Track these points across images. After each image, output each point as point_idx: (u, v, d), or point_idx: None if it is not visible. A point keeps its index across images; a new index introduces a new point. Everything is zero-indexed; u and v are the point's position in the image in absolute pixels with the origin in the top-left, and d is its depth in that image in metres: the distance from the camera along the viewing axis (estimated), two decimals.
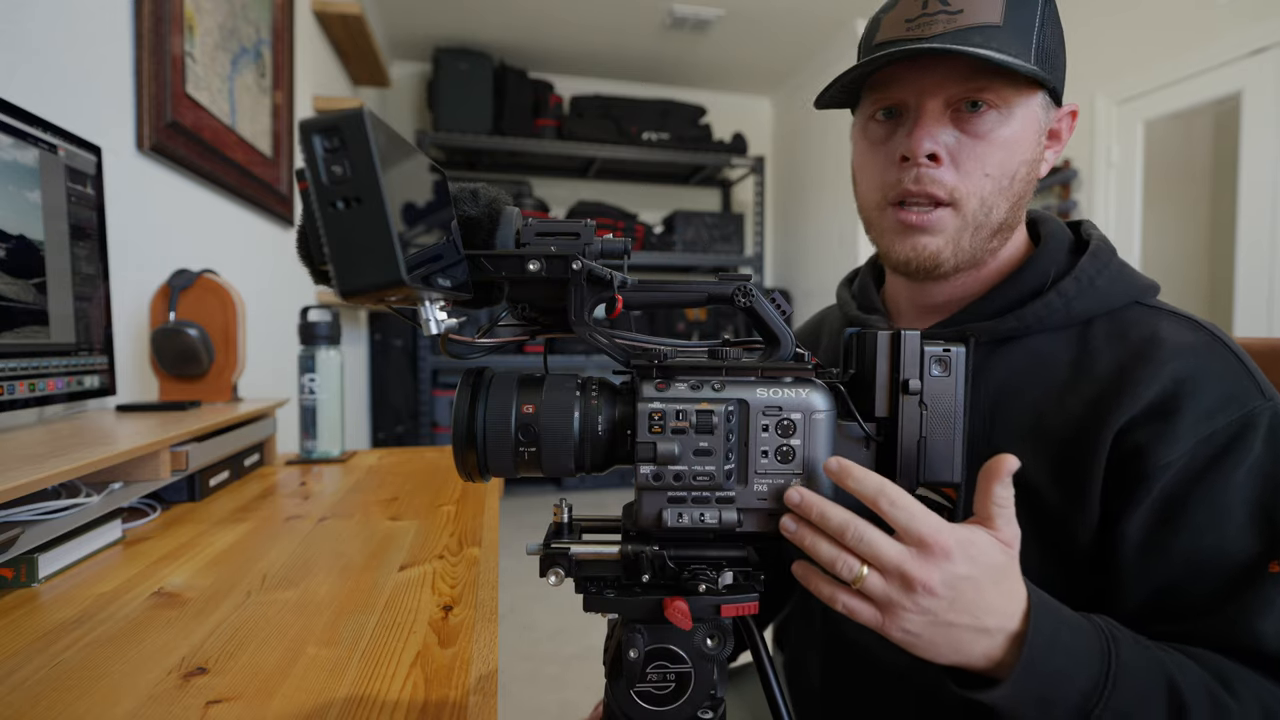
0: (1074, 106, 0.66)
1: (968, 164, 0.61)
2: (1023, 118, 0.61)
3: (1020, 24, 0.59)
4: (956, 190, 0.61)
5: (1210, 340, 0.58)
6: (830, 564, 0.44)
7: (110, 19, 1.23)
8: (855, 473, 0.44)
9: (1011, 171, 0.61)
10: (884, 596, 0.44)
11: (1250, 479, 0.53)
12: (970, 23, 0.58)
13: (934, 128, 0.60)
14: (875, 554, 0.43)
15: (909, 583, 0.43)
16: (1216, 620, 0.52)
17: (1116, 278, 0.63)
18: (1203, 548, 0.53)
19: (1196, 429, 0.54)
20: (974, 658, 0.46)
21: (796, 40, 4.03)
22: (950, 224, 0.62)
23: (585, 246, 0.44)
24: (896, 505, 0.43)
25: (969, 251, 0.63)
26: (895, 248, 0.64)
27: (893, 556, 0.43)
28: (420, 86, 4.41)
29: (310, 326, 1.25)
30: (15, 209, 0.82)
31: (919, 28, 0.60)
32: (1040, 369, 0.62)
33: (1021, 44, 0.58)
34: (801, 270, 4.65)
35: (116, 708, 0.45)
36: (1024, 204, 0.65)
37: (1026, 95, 0.61)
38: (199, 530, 0.84)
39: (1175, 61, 2.48)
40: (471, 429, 0.44)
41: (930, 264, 0.63)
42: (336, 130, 0.32)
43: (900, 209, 0.63)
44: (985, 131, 0.60)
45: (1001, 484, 0.45)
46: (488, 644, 0.55)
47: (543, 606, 2.54)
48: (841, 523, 0.43)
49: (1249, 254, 2.34)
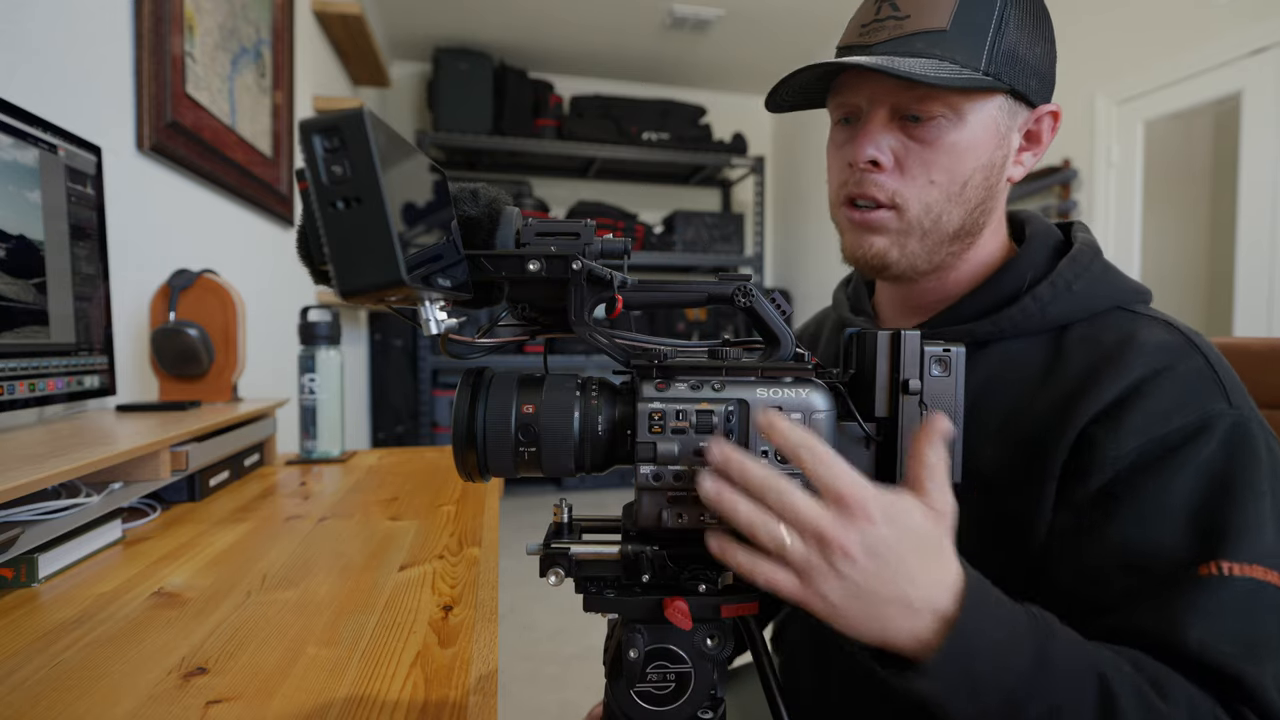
0: (1054, 107, 0.64)
1: (913, 169, 0.61)
2: (975, 123, 0.60)
3: (969, 28, 0.58)
4: (898, 195, 0.61)
5: (1183, 344, 0.57)
6: (750, 528, 0.41)
7: (110, 19, 1.23)
8: (780, 425, 0.42)
9: (962, 178, 0.61)
10: (803, 561, 0.41)
11: (1195, 479, 0.52)
12: (915, 29, 0.58)
13: (877, 135, 0.61)
14: (794, 514, 0.41)
15: (826, 544, 0.40)
16: (1140, 615, 0.50)
17: (1097, 282, 0.62)
18: (1135, 540, 0.52)
19: (1150, 428, 0.53)
20: (900, 637, 0.43)
21: (796, 40, 4.03)
22: (893, 225, 0.62)
23: (585, 246, 0.44)
24: (819, 459, 0.41)
25: (921, 256, 0.63)
26: (848, 244, 0.66)
27: (811, 516, 0.41)
28: (420, 86, 4.41)
29: (310, 326, 1.25)
30: (15, 209, 0.82)
31: (869, 34, 0.61)
32: (1014, 373, 0.61)
33: (970, 48, 0.58)
34: (801, 270, 4.65)
35: (116, 708, 0.45)
36: (987, 209, 0.64)
37: (978, 100, 0.60)
38: (199, 530, 0.84)
39: (1175, 61, 2.48)
40: (471, 429, 0.44)
41: (877, 262, 0.63)
42: (336, 130, 0.32)
43: (850, 207, 0.64)
44: (932, 138, 0.60)
45: (932, 446, 0.43)
46: (488, 644, 0.55)
47: (543, 606, 2.54)
48: (762, 480, 0.41)
49: (1249, 254, 2.34)
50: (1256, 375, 0.74)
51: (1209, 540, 0.50)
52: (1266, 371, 0.76)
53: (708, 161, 4.35)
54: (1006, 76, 0.59)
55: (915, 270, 0.64)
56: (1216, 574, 0.49)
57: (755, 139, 4.78)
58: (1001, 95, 0.61)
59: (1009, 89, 0.60)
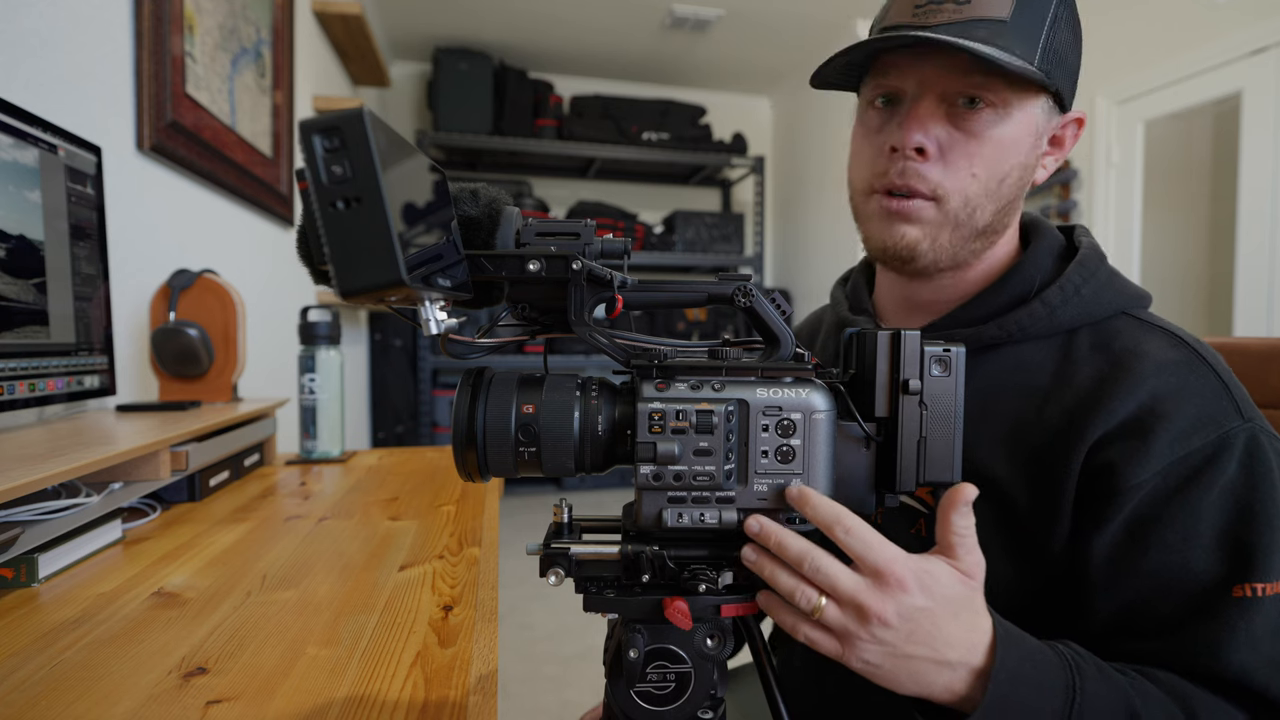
0: (1081, 114, 0.64)
1: (956, 161, 0.59)
2: (1020, 120, 0.59)
3: (1029, 21, 0.57)
4: (940, 186, 0.60)
5: (1192, 358, 0.57)
6: (789, 595, 0.44)
7: (110, 19, 1.23)
8: (812, 499, 0.44)
9: (1001, 174, 0.60)
10: (841, 627, 0.44)
11: (1221, 501, 0.53)
12: (976, 15, 0.56)
13: (926, 121, 0.59)
14: (832, 584, 0.43)
15: (864, 614, 0.43)
16: (1180, 640, 0.52)
17: (1103, 287, 0.62)
18: (1169, 567, 0.53)
19: (1171, 450, 0.53)
20: (935, 690, 0.45)
21: (796, 40, 4.03)
22: (930, 215, 0.61)
23: (585, 246, 0.44)
24: (852, 534, 0.43)
25: (948, 249, 0.62)
26: (875, 234, 0.63)
27: (848, 587, 0.43)
28: (420, 86, 4.41)
29: (310, 326, 1.25)
30: (15, 209, 0.82)
31: (925, 15, 0.58)
32: (1022, 377, 0.61)
33: (1027, 42, 0.57)
34: (801, 270, 4.65)
35: (116, 708, 0.45)
36: (1013, 209, 0.64)
37: (1027, 98, 0.59)
38: (199, 530, 0.84)
39: (1175, 61, 2.48)
40: (471, 429, 0.44)
41: (907, 253, 0.62)
42: (336, 130, 0.32)
43: (884, 195, 0.62)
44: (979, 130, 0.59)
45: (959, 514, 0.45)
46: (488, 644, 0.55)
47: (542, 606, 2.54)
48: (799, 553, 0.44)
49: (1249, 254, 2.34)
50: (1257, 375, 0.74)
51: (1239, 562, 0.51)
52: (1266, 371, 0.76)
53: (708, 161, 4.35)
54: (1054, 76, 0.58)
55: (939, 265, 0.63)
56: (1250, 596, 0.50)
57: (755, 139, 4.77)
58: (1045, 96, 0.60)
59: (1055, 90, 0.59)
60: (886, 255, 0.63)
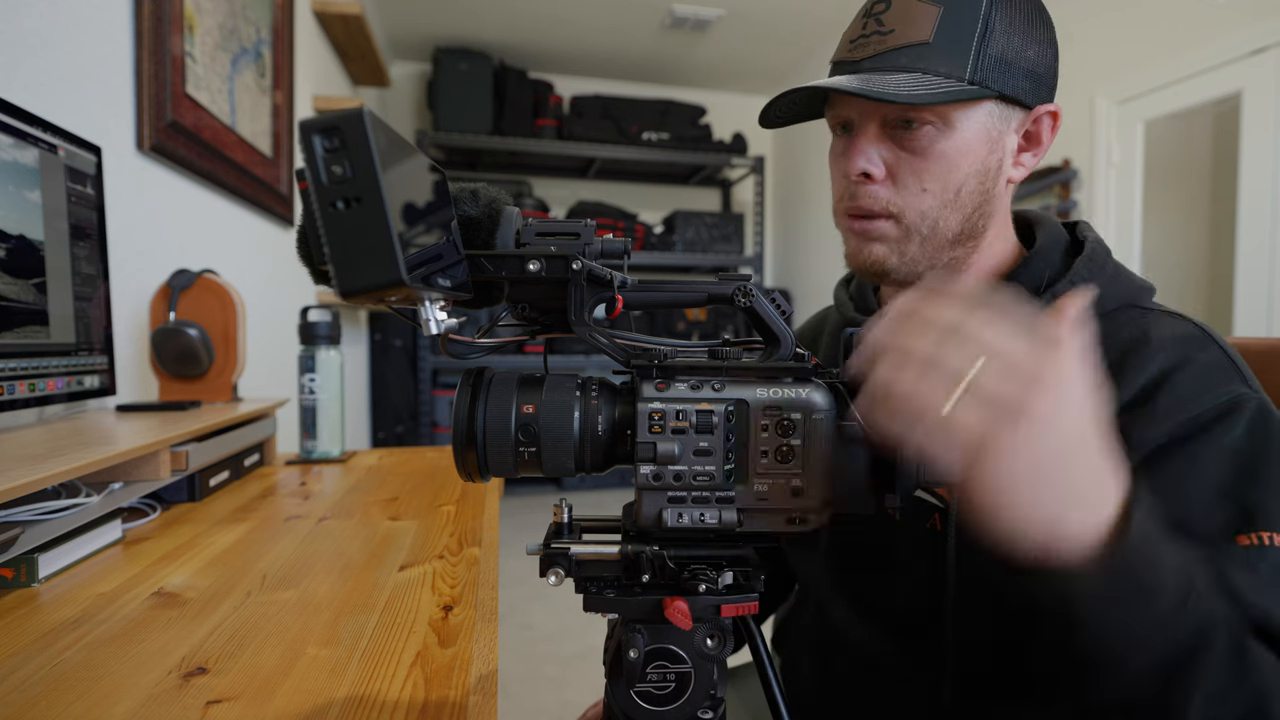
0: (1053, 107, 0.64)
1: (905, 179, 0.62)
2: (965, 129, 0.61)
3: (953, 38, 0.58)
4: (892, 204, 0.62)
5: (1198, 334, 0.58)
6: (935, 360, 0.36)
7: (110, 19, 1.23)
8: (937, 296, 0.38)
9: (956, 184, 0.61)
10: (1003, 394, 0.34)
11: (1224, 458, 0.52)
12: (899, 43, 0.59)
13: (867, 147, 0.62)
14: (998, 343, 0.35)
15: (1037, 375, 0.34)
16: None
17: (1111, 281, 0.63)
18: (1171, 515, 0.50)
19: (1177, 412, 0.54)
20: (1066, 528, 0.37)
21: (796, 40, 4.03)
22: (891, 232, 0.63)
23: (585, 246, 0.44)
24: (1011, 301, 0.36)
25: (922, 261, 0.64)
26: (850, 252, 0.67)
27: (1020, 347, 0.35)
28: (420, 86, 4.41)
29: (310, 326, 1.25)
30: (15, 209, 0.82)
31: (856, 49, 0.62)
32: None
33: (953, 59, 0.58)
34: (801, 270, 4.65)
35: (116, 708, 0.45)
36: (986, 212, 0.64)
37: (966, 107, 0.60)
38: (199, 530, 0.84)
39: (1175, 61, 2.48)
40: (471, 429, 0.44)
41: (877, 269, 0.64)
42: (336, 130, 0.32)
43: (848, 217, 0.65)
44: (923, 148, 0.61)
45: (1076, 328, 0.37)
46: (488, 644, 0.55)
47: (542, 606, 2.54)
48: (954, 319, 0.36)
49: (1249, 254, 2.34)
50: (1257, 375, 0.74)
51: (1245, 512, 0.51)
52: (1267, 371, 0.76)
53: (708, 161, 4.35)
54: (994, 82, 0.59)
55: (917, 275, 0.64)
56: (1257, 544, 0.50)
57: (755, 139, 4.78)
58: (990, 101, 0.61)
59: (997, 94, 0.60)
60: (862, 272, 0.67)
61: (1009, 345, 0.36)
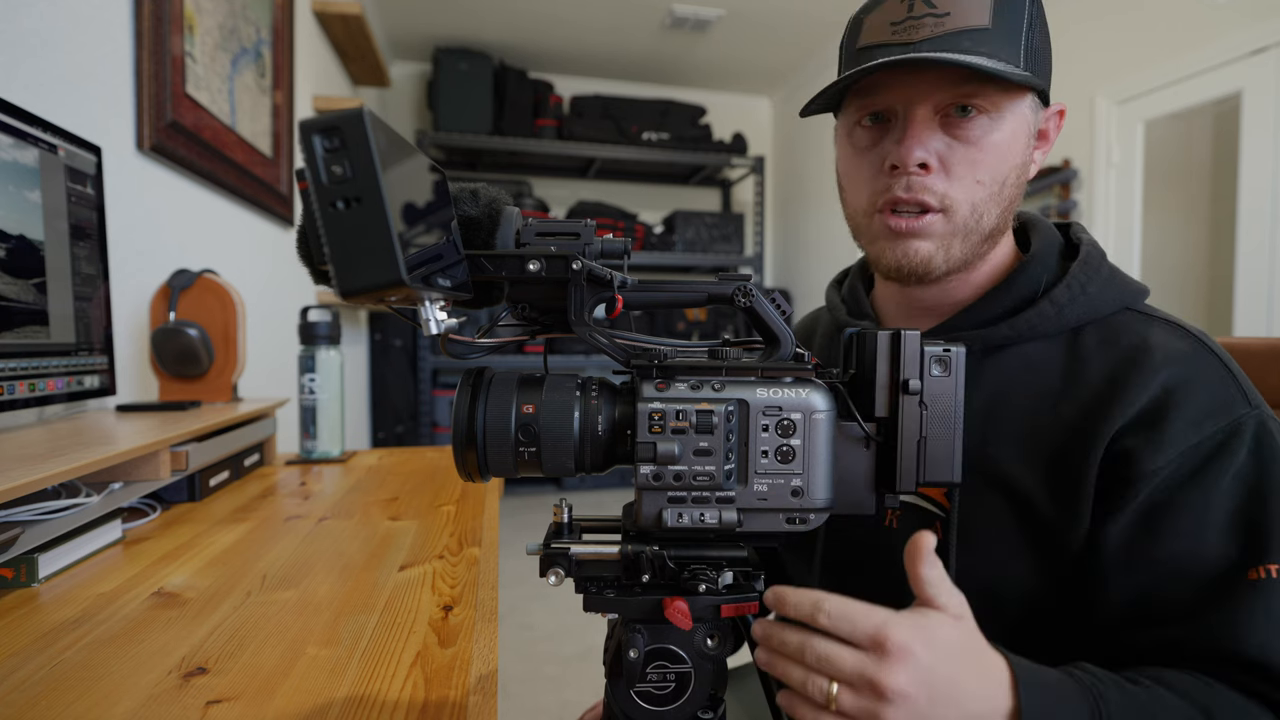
0: (1061, 106, 0.65)
1: (959, 170, 0.59)
2: (1012, 122, 0.60)
3: (1009, 25, 0.58)
4: (947, 197, 0.60)
5: (1199, 348, 0.58)
6: (800, 688, 0.43)
7: (110, 19, 1.23)
8: (789, 598, 0.44)
9: (1003, 177, 0.61)
10: (861, 710, 0.42)
11: (1234, 486, 0.53)
12: (958, 26, 0.57)
13: (924, 135, 0.59)
14: (837, 668, 0.42)
15: (878, 690, 0.41)
16: (1196, 626, 0.52)
17: (1107, 284, 0.62)
18: (1183, 553, 0.53)
19: (1185, 437, 0.54)
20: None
21: (796, 40, 4.02)
22: (940, 229, 0.61)
23: (585, 246, 0.44)
24: (833, 616, 0.42)
25: (959, 257, 0.62)
26: (886, 254, 0.63)
27: (853, 666, 0.42)
28: (420, 86, 4.41)
29: (310, 326, 1.25)
30: (15, 209, 0.82)
31: (905, 32, 0.58)
32: (1032, 376, 0.61)
33: (1011, 46, 0.57)
34: (801, 270, 4.65)
35: (116, 708, 0.45)
36: (1014, 209, 0.64)
37: (1016, 99, 0.60)
38: (199, 530, 0.84)
39: (1175, 61, 2.48)
40: (471, 429, 0.44)
41: (921, 269, 0.62)
42: (336, 130, 0.32)
43: (890, 214, 0.61)
44: (977, 137, 0.59)
45: (926, 565, 0.44)
46: (488, 644, 0.55)
47: (542, 606, 2.54)
48: (797, 646, 0.43)
49: (1249, 254, 2.34)
50: (1256, 375, 0.74)
51: (1253, 545, 0.52)
52: (1266, 371, 0.76)
53: (708, 161, 4.35)
54: (1038, 75, 0.59)
55: (951, 272, 0.63)
56: (1264, 578, 0.50)
57: (755, 139, 4.78)
58: (1031, 94, 0.61)
59: (1041, 88, 0.60)
60: (901, 273, 0.63)
61: (846, 666, 0.42)
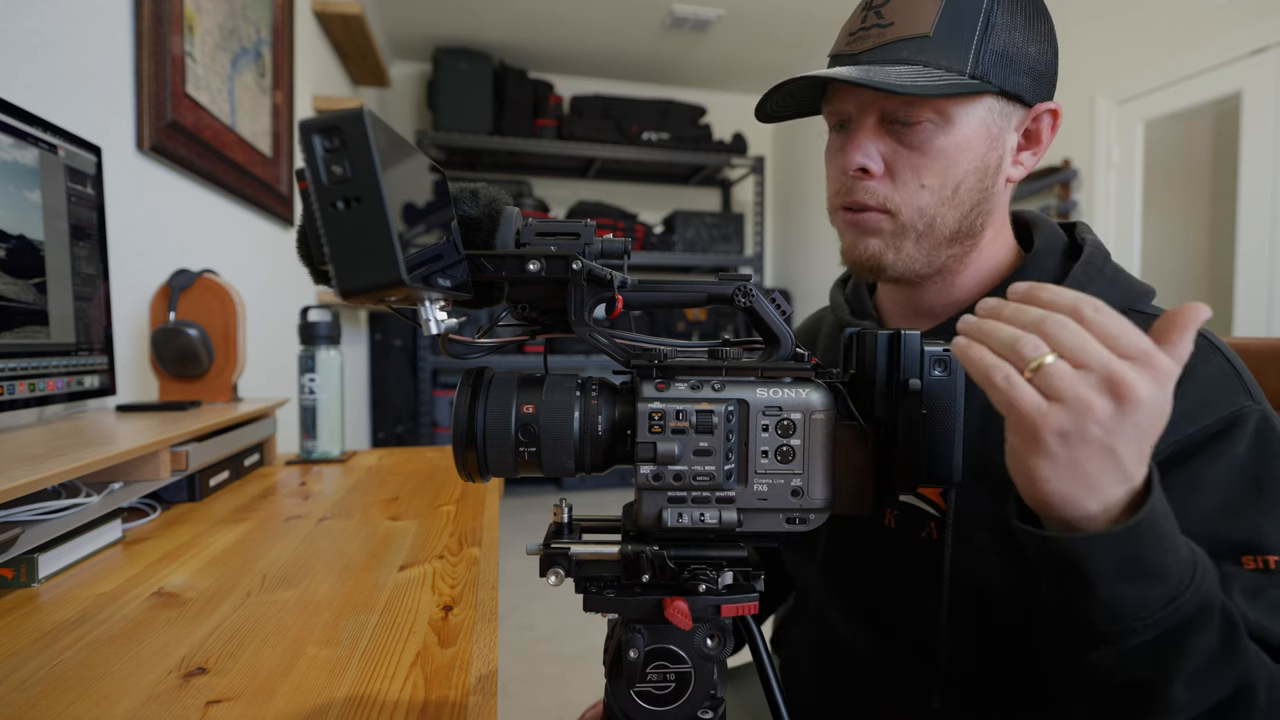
0: (1053, 105, 0.64)
1: (903, 174, 0.61)
2: (965, 125, 0.60)
3: (955, 32, 0.58)
4: (889, 200, 0.61)
5: (1201, 342, 0.58)
6: (1010, 342, 0.39)
7: (110, 19, 1.23)
8: (1047, 290, 0.41)
9: (955, 181, 0.61)
10: (1074, 394, 0.38)
11: (1228, 473, 0.52)
12: (898, 35, 0.58)
13: (865, 142, 0.61)
14: (1080, 346, 0.38)
15: (1118, 388, 0.37)
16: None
17: (1110, 285, 0.62)
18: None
19: (1178, 427, 0.53)
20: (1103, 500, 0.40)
21: (796, 40, 4.03)
22: (887, 226, 0.62)
23: (585, 246, 0.44)
24: (1102, 312, 0.39)
25: (918, 258, 0.63)
26: (846, 247, 0.66)
27: (1101, 356, 0.38)
28: (420, 86, 4.41)
29: (310, 326, 1.25)
30: (15, 209, 0.82)
31: (856, 42, 0.61)
32: None
33: (954, 52, 0.58)
34: (801, 270, 4.65)
35: (116, 708, 0.45)
36: (984, 210, 0.63)
37: (966, 102, 0.59)
38: (199, 530, 0.84)
39: (1175, 61, 2.48)
40: (471, 429, 0.44)
41: (873, 263, 0.64)
42: (336, 130, 0.32)
43: (844, 211, 0.65)
44: (920, 143, 0.60)
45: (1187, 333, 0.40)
46: (488, 644, 0.55)
47: (542, 606, 2.54)
48: (1036, 317, 0.39)
49: (1249, 254, 2.34)
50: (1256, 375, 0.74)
51: (1251, 532, 0.51)
52: (1267, 372, 0.76)
53: (708, 161, 4.35)
54: (995, 77, 0.59)
55: (913, 273, 0.64)
56: (1262, 568, 0.50)
57: (755, 139, 4.77)
58: (990, 96, 0.60)
59: (998, 90, 0.59)
60: (857, 267, 0.66)
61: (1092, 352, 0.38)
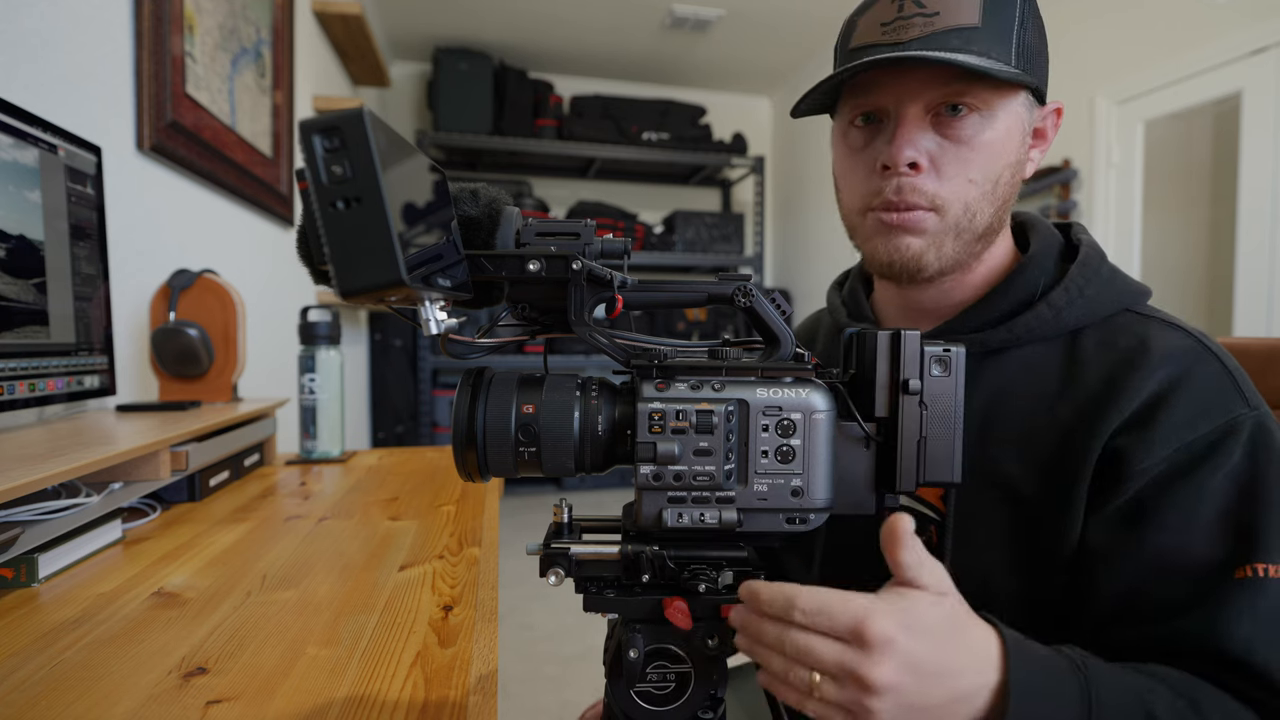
0: (1058, 104, 0.65)
1: (950, 169, 0.59)
2: (1005, 120, 0.60)
3: (999, 24, 0.57)
4: (938, 197, 0.59)
5: (1198, 348, 0.57)
6: (782, 677, 0.42)
7: (110, 19, 1.23)
8: (762, 594, 0.42)
9: (995, 175, 0.60)
10: (848, 701, 0.40)
11: (1225, 485, 0.53)
12: (948, 25, 0.57)
13: (914, 135, 0.59)
14: (820, 663, 0.40)
15: (863, 684, 0.39)
16: (1183, 623, 0.51)
17: (1106, 286, 0.62)
18: (1170, 550, 0.52)
19: (1177, 436, 0.54)
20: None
21: (796, 40, 4.03)
22: (932, 225, 0.60)
23: (585, 246, 0.44)
24: (809, 613, 0.40)
25: (952, 256, 0.62)
26: (878, 250, 0.63)
27: (834, 659, 0.40)
28: (420, 86, 4.41)
29: (310, 326, 1.25)
30: (15, 209, 0.82)
31: (895, 31, 0.58)
32: (1031, 378, 0.61)
33: (1001, 45, 0.57)
34: (801, 270, 4.65)
35: (116, 708, 0.45)
36: (1009, 207, 0.64)
37: (1008, 96, 0.59)
38: (199, 530, 0.84)
39: (1175, 61, 2.48)
40: (471, 429, 0.44)
41: (913, 265, 0.61)
42: (336, 130, 0.32)
43: (882, 211, 0.61)
44: (968, 136, 0.59)
45: (905, 550, 0.42)
46: (488, 644, 0.55)
47: (542, 606, 2.54)
48: (775, 637, 0.42)
49: (1249, 254, 2.34)
50: (1257, 375, 0.74)
51: (1242, 543, 0.51)
52: (1266, 372, 0.76)
53: (708, 161, 4.35)
54: (1031, 72, 0.59)
55: (944, 271, 0.63)
56: (1253, 576, 0.50)
57: (755, 139, 4.77)
58: (1025, 92, 0.61)
59: (1033, 86, 0.60)
60: (892, 270, 0.63)
61: (827, 659, 0.40)
